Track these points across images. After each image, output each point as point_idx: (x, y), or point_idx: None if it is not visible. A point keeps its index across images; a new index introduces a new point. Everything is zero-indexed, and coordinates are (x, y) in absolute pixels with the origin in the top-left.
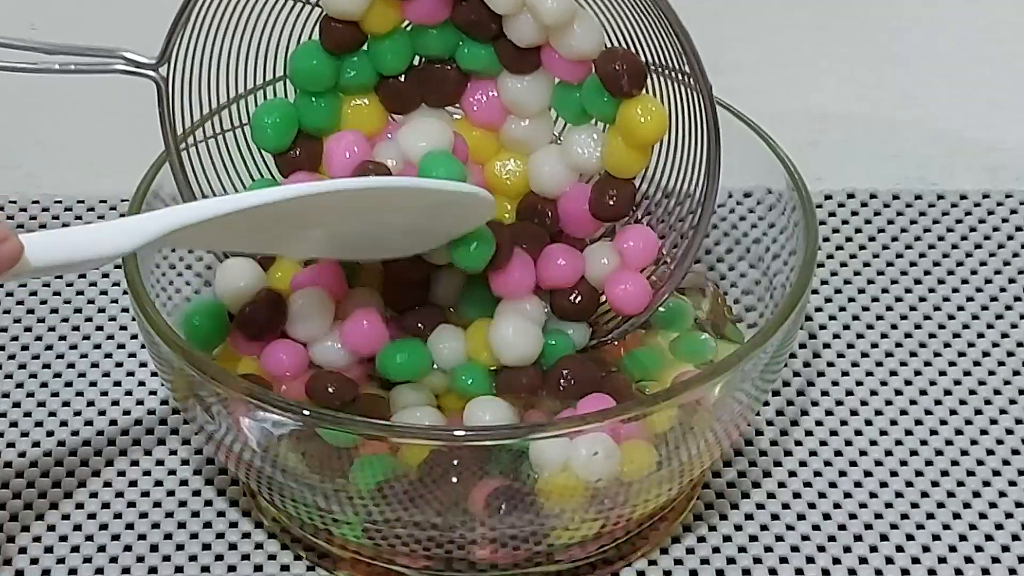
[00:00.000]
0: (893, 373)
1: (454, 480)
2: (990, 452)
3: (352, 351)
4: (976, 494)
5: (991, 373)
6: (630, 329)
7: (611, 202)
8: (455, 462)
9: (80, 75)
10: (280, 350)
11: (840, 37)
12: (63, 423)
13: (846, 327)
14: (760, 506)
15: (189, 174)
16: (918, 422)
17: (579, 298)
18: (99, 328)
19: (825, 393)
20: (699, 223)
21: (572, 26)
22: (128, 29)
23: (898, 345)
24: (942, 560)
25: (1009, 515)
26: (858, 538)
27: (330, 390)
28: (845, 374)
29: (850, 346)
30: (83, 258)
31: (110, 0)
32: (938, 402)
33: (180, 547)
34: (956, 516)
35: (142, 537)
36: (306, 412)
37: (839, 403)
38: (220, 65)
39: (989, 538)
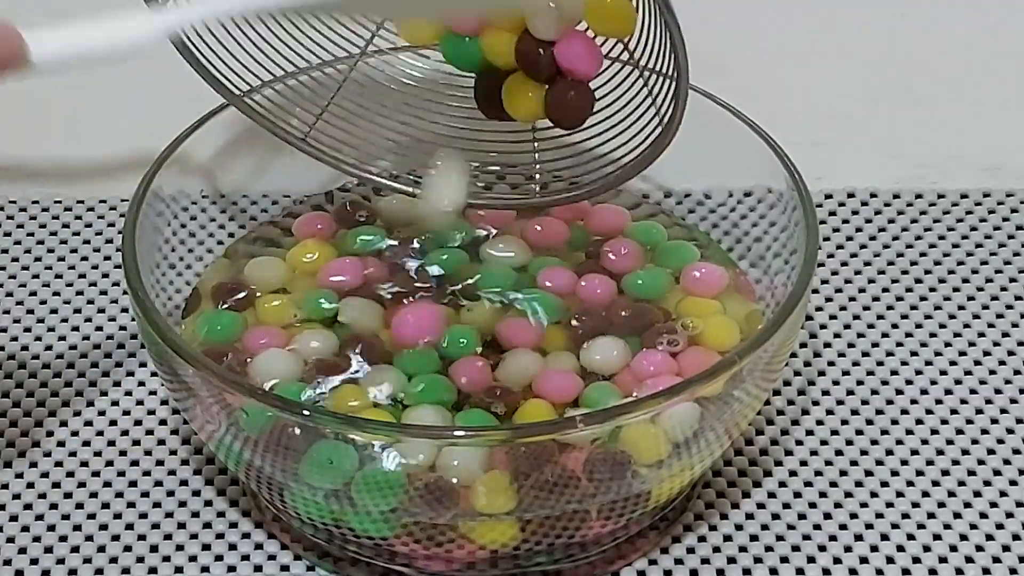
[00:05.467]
0: (893, 373)
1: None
2: (991, 452)
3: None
4: (977, 494)
5: (991, 373)
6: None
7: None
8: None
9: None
10: None
11: (841, 37)
12: (63, 423)
13: (846, 327)
14: (761, 506)
15: None
16: (919, 422)
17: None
18: (99, 328)
19: (825, 393)
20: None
21: None
22: None
23: (898, 345)
24: (943, 560)
25: (1010, 515)
26: (859, 538)
27: None
28: (845, 374)
29: (850, 346)
30: (96, 52)
31: None
32: (938, 402)
33: (180, 547)
34: (957, 516)
35: (142, 537)
36: (306, 412)
37: (839, 403)
38: None
39: (990, 538)
